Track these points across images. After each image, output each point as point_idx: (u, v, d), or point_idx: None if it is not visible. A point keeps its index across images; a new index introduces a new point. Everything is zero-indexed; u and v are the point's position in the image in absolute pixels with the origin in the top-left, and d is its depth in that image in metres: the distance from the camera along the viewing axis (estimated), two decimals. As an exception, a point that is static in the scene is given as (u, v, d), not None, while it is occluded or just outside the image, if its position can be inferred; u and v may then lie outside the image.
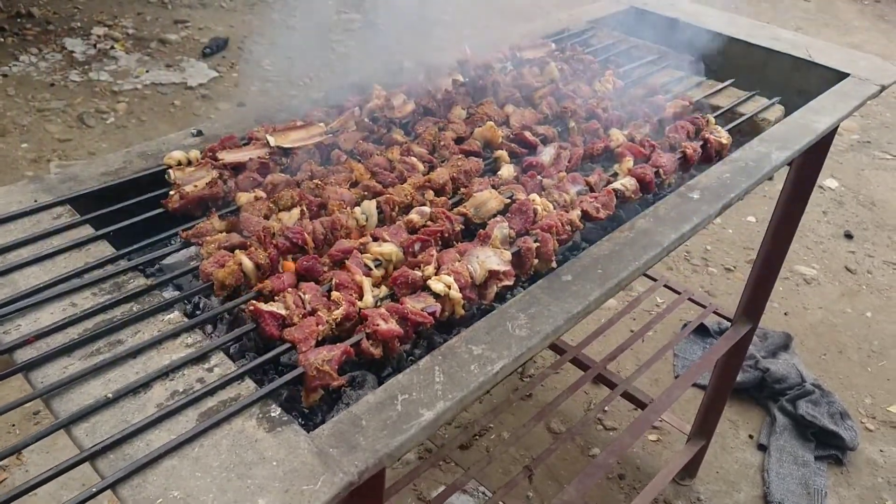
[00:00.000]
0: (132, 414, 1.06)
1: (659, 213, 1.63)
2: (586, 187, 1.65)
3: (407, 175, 1.62)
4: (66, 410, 1.06)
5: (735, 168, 1.80)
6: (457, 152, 1.72)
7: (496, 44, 2.33)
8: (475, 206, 1.53)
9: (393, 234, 1.43)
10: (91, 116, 5.51)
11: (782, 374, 3.60)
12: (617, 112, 1.95)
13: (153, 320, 1.23)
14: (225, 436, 1.04)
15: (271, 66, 6.34)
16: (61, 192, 1.51)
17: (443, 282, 1.31)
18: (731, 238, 4.84)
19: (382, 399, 1.13)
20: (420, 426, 1.09)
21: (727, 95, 2.20)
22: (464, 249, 1.41)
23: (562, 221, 1.50)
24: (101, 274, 1.30)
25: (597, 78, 2.11)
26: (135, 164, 1.63)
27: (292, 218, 1.44)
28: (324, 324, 1.21)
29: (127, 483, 0.96)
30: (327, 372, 1.14)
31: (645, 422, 2.32)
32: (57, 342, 1.16)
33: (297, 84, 6.14)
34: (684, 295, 2.89)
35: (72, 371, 1.11)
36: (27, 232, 1.39)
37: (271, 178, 1.54)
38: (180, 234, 1.40)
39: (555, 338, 1.32)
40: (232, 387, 1.12)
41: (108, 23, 6.94)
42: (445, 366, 1.20)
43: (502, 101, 1.96)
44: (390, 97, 1.86)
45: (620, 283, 1.43)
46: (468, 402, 1.17)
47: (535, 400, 3.56)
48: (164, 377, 1.12)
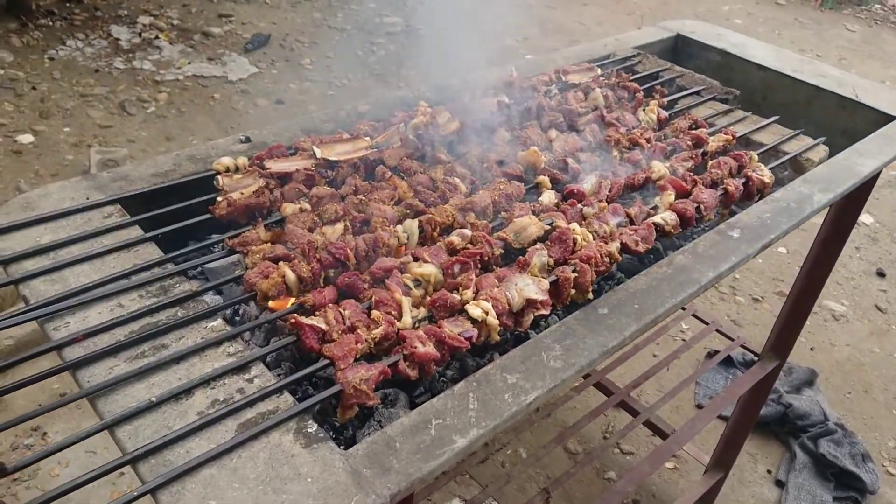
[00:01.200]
0: (174, 420, 1.08)
1: (698, 249, 1.63)
2: (626, 219, 1.66)
3: (449, 195, 1.63)
4: (110, 412, 1.09)
5: (776, 208, 1.80)
6: (499, 175, 1.74)
7: (541, 65, 2.35)
8: (515, 232, 1.55)
9: (433, 254, 1.44)
10: (132, 104, 5.60)
11: (805, 411, 3.56)
12: (660, 143, 1.95)
13: (197, 326, 1.25)
14: (262, 448, 1.06)
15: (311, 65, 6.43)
16: (112, 192, 1.55)
17: (481, 307, 1.32)
18: (761, 268, 4.80)
19: (417, 422, 1.14)
20: (453, 452, 1.10)
21: (771, 132, 2.19)
22: (502, 275, 1.42)
23: (601, 253, 1.51)
24: (148, 276, 1.33)
25: (641, 107, 2.11)
26: (184, 168, 1.67)
27: (336, 232, 1.46)
28: (363, 342, 1.23)
29: (167, 489, 0.98)
30: (364, 391, 1.16)
31: (666, 452, 2.31)
32: (104, 342, 1.19)
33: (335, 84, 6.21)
34: (712, 326, 2.88)
35: (117, 373, 1.14)
36: (79, 229, 1.42)
37: (316, 190, 1.56)
38: (226, 242, 1.43)
39: (588, 370, 1.33)
40: (271, 399, 1.14)
41: (153, 12, 7.05)
42: (480, 393, 1.21)
43: (546, 126, 1.97)
44: (435, 114, 1.88)
45: (657, 319, 1.43)
46: (500, 430, 1.18)
47: (554, 418, 3.56)
48: (205, 385, 1.14)
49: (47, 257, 1.35)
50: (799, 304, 2.56)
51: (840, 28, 9.31)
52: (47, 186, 1.54)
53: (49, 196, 1.51)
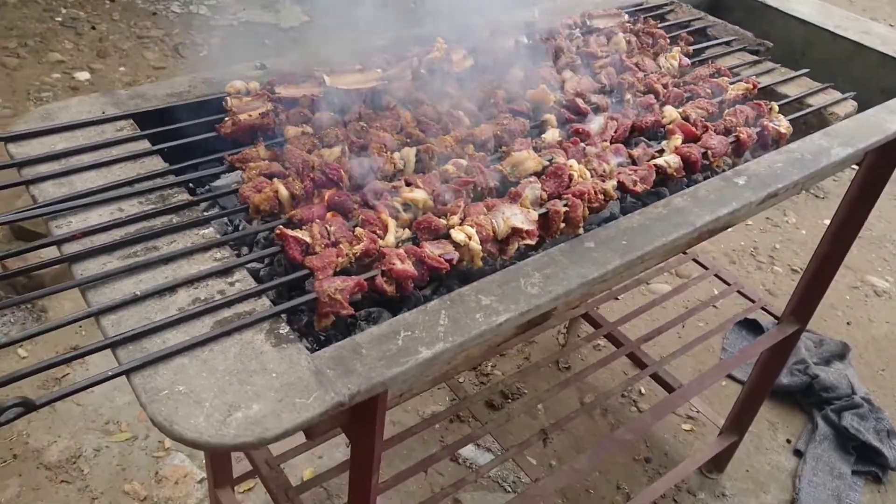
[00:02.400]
0: (155, 313, 1.15)
1: (699, 193, 1.61)
2: (628, 160, 1.65)
3: (452, 127, 1.65)
4: (98, 301, 1.16)
5: (789, 158, 1.76)
6: (505, 111, 1.74)
7: (569, 10, 2.32)
8: (512, 165, 1.56)
9: (427, 182, 1.47)
10: (186, 48, 5.72)
11: (832, 383, 3.49)
12: (677, 90, 1.92)
13: (189, 233, 1.31)
14: (234, 344, 1.12)
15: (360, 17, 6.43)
16: (127, 108, 1.62)
17: (464, 232, 1.35)
18: (803, 239, 4.67)
19: (386, 332, 1.18)
20: (416, 362, 1.14)
21: (798, 85, 2.13)
22: (492, 205, 1.44)
23: (595, 189, 1.51)
24: (149, 185, 1.39)
25: (663, 53, 2.07)
26: (198, 89, 1.72)
27: (333, 155, 1.50)
28: (343, 256, 1.27)
29: (140, 373, 1.05)
30: (339, 300, 1.20)
31: (669, 404, 2.31)
32: (101, 241, 1.26)
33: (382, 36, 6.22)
34: (734, 287, 2.84)
35: (109, 268, 1.21)
36: (91, 140, 1.50)
37: (319, 115, 1.60)
38: (226, 158, 1.48)
39: (566, 300, 1.34)
40: (249, 302, 1.19)
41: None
42: (452, 311, 1.24)
43: (562, 67, 1.96)
44: (451, 51, 1.88)
45: (643, 257, 1.43)
46: (467, 348, 1.21)
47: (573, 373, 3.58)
48: (189, 284, 1.20)
49: (59, 163, 1.43)
50: (822, 268, 2.50)
51: (920, -3, 8.82)
52: (68, 100, 1.61)
53: (68, 109, 1.59)
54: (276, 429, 1.00)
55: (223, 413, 1.01)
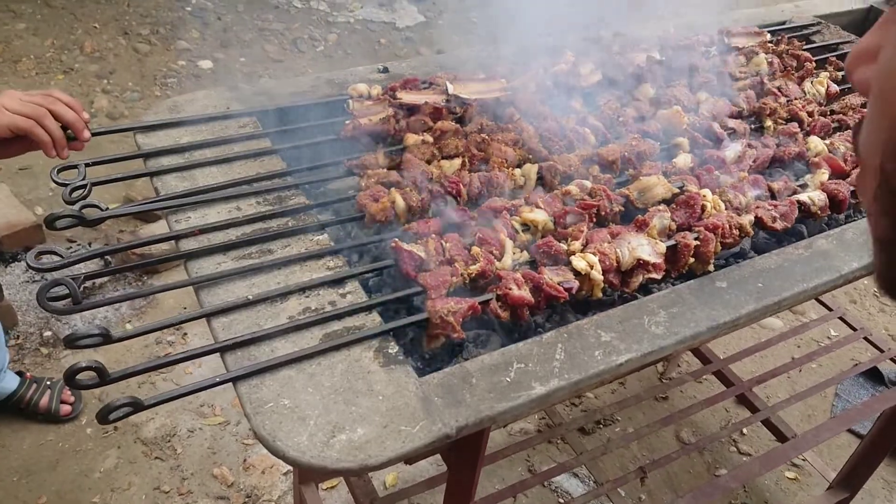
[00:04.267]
0: (266, 320, 1.13)
1: (846, 236, 1.47)
2: (767, 193, 1.52)
3: (577, 145, 1.57)
4: (210, 302, 1.15)
5: (951, 204, 1.58)
6: (634, 131, 1.64)
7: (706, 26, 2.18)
8: (639, 190, 1.46)
9: (548, 202, 1.39)
10: (304, 42, 5.85)
11: (960, 446, 3.18)
12: (823, 119, 1.76)
13: (304, 238, 1.29)
14: (342, 360, 1.08)
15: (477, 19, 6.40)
16: (252, 105, 1.62)
17: (586, 260, 1.26)
18: (936, 283, 4.30)
19: (498, 362, 1.12)
20: (529, 398, 1.07)
21: (963, 122, 1.92)
22: (617, 232, 1.35)
23: (730, 224, 1.39)
24: (268, 185, 1.38)
25: (809, 78, 1.92)
26: (321, 90, 1.71)
27: (453, 167, 1.44)
28: (458, 275, 1.21)
29: (247, 381, 1.03)
30: (451, 323, 1.14)
31: (782, 455, 2.14)
32: (217, 239, 1.25)
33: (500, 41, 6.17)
34: (860, 332, 2.61)
35: (224, 268, 1.20)
36: (215, 135, 1.50)
37: (441, 124, 1.55)
38: (345, 163, 1.46)
39: (693, 343, 1.24)
40: (359, 316, 1.15)
41: (336, -44, 7.28)
42: (569, 345, 1.16)
43: (697, 87, 1.84)
44: (578, 64, 1.80)
45: (781, 303, 1.31)
46: (584, 387, 1.13)
47: (671, 404, 3.41)
48: (300, 293, 1.18)
49: (182, 156, 1.44)
50: (968, 323, 2.26)
51: None
52: (195, 93, 1.63)
53: (195, 102, 1.60)
54: (380, 457, 0.96)
55: (327, 434, 0.97)
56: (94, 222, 1.23)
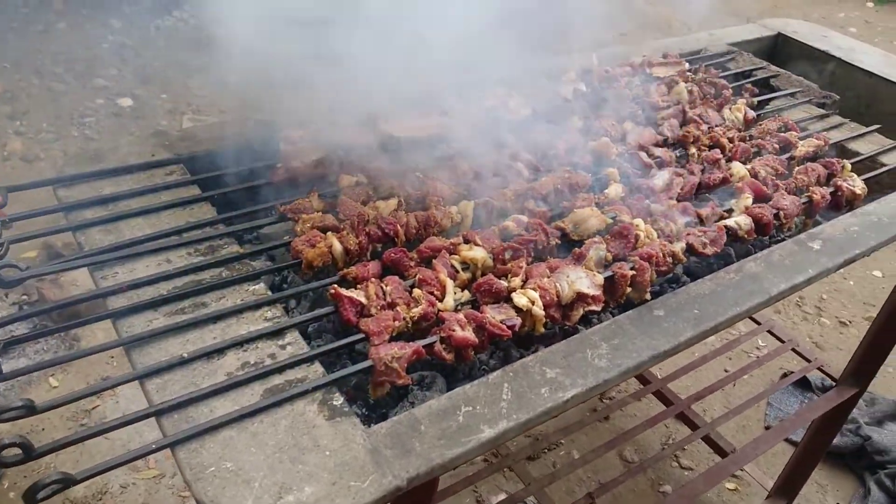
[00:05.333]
0: (203, 378, 1.08)
1: (772, 258, 1.52)
2: (696, 219, 1.56)
3: (511, 180, 1.58)
4: (143, 363, 1.09)
5: (866, 222, 1.66)
6: (566, 164, 1.67)
7: (627, 56, 2.25)
8: (575, 223, 1.48)
9: (485, 238, 1.40)
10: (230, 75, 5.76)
11: (885, 446, 3.32)
12: (743, 144, 1.83)
13: (239, 288, 1.25)
14: (285, 416, 1.04)
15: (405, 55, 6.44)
16: (178, 150, 1.57)
17: (527, 296, 1.27)
18: (852, 290, 4.51)
19: (445, 407, 1.10)
20: (479, 442, 1.06)
21: (870, 142, 2.03)
22: (555, 266, 1.36)
23: (663, 252, 1.42)
24: (199, 235, 1.34)
25: (727, 105, 1.99)
26: (251, 132, 1.67)
27: (389, 208, 1.43)
28: (400, 320, 1.20)
29: (185, 446, 0.98)
30: (395, 369, 1.13)
31: (723, 471, 2.19)
32: (147, 295, 1.20)
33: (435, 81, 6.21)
34: (788, 344, 2.71)
35: (155, 325, 1.15)
36: (140, 184, 1.45)
37: (376, 164, 1.54)
38: (277, 208, 1.43)
39: (635, 373, 1.26)
40: (301, 368, 1.12)
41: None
42: (516, 384, 1.16)
43: (623, 117, 1.88)
44: (507, 98, 1.82)
45: (717, 327, 1.34)
46: (533, 426, 1.13)
47: (612, 424, 3.45)
48: (238, 347, 1.14)
49: (106, 208, 1.38)
50: (886, 331, 2.37)
51: (969, 42, 8.64)
52: (118, 140, 1.57)
53: (118, 150, 1.55)
54: (330, 516, 0.93)
55: (273, 496, 0.94)
56: (12, 284, 1.16)
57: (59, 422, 3.03)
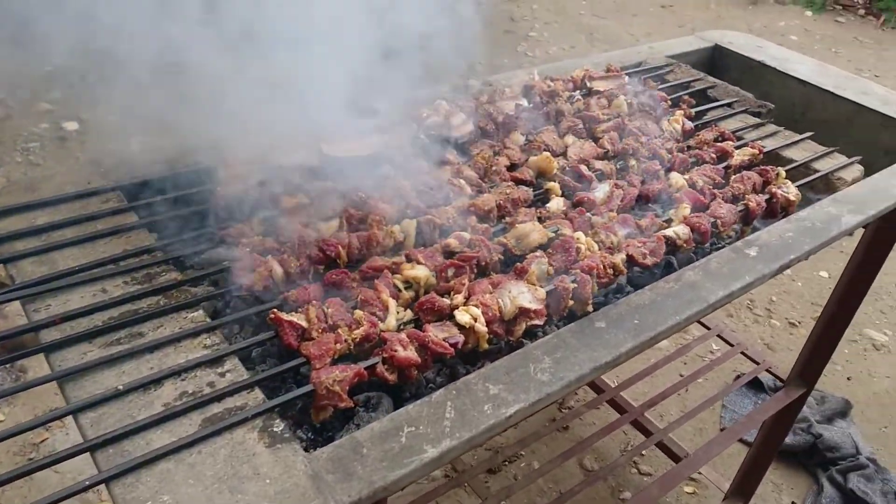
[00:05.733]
0: (139, 410, 1.06)
1: (710, 266, 1.55)
2: (636, 230, 1.59)
3: (453, 197, 1.59)
4: (76, 397, 1.07)
5: (800, 227, 1.71)
6: (507, 179, 1.69)
7: (569, 70, 2.28)
8: (517, 238, 1.50)
9: (428, 256, 1.40)
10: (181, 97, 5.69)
11: (836, 443, 3.40)
12: (682, 155, 1.87)
13: (177, 316, 1.23)
14: (224, 445, 1.03)
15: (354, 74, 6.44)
16: (115, 177, 1.55)
17: (470, 313, 1.28)
18: (800, 291, 4.63)
19: (388, 429, 1.10)
20: (422, 462, 1.06)
21: (803, 149, 2.09)
22: (498, 282, 1.37)
23: (604, 264, 1.45)
24: (136, 263, 1.32)
25: (666, 117, 2.04)
26: (189, 156, 1.66)
27: (330, 229, 1.43)
28: (342, 342, 1.19)
29: (120, 481, 0.96)
30: (337, 392, 1.12)
31: (677, 476, 2.22)
32: (82, 327, 1.18)
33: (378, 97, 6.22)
34: (737, 348, 2.77)
35: (90, 358, 1.12)
36: (76, 213, 1.42)
37: (317, 185, 1.54)
38: (217, 233, 1.41)
39: (578, 385, 1.27)
40: (241, 395, 1.11)
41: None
42: (458, 402, 1.16)
43: (564, 132, 1.91)
44: (450, 115, 1.84)
45: (656, 337, 1.36)
46: (476, 444, 1.13)
47: (572, 433, 3.48)
48: (176, 376, 1.12)
49: (39, 239, 1.35)
50: (829, 331, 2.44)
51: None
52: (53, 168, 1.55)
53: (52, 179, 1.52)
54: (270, 546, 0.92)
55: (211, 528, 0.92)
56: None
57: (6, 457, 2.94)
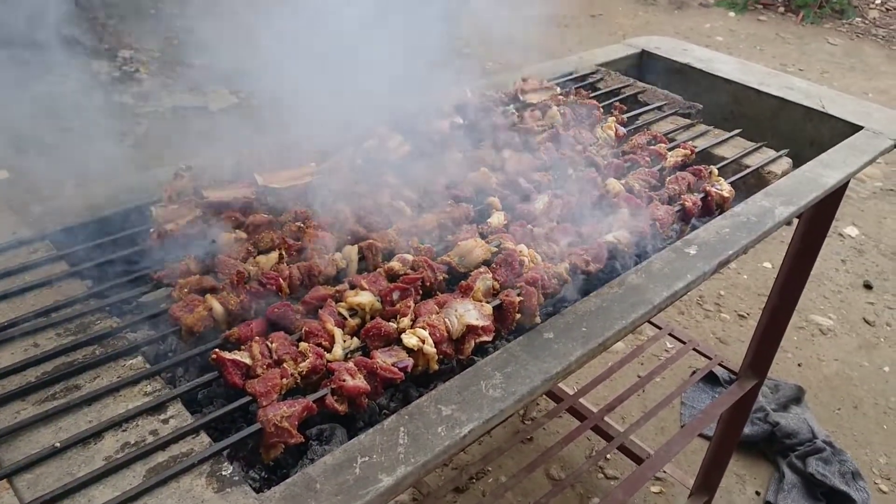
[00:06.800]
0: (78, 466, 1.02)
1: (652, 268, 1.58)
2: (578, 238, 1.60)
3: (394, 220, 1.58)
4: (11, 459, 1.02)
5: (736, 223, 1.75)
6: (447, 198, 1.68)
7: (501, 85, 2.31)
8: (460, 255, 1.49)
9: (371, 281, 1.39)
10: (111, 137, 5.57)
11: (793, 429, 3.48)
12: (617, 160, 1.90)
13: (114, 365, 1.19)
14: (171, 494, 0.99)
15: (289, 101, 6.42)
16: (42, 227, 1.50)
17: (417, 336, 1.26)
18: (746, 283, 4.74)
19: (341, 461, 1.08)
20: (377, 492, 1.04)
21: (733, 146, 2.15)
22: (444, 301, 1.37)
23: (548, 274, 1.45)
24: (68, 313, 1.27)
25: (599, 124, 2.07)
26: (120, 199, 1.62)
27: (270, 262, 1.41)
28: (288, 376, 1.17)
29: (62, 544, 0.92)
30: (286, 429, 1.09)
31: (641, 478, 2.23)
32: (13, 384, 1.13)
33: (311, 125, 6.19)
34: (689, 345, 2.81)
35: (23, 416, 1.08)
36: (1, 267, 1.37)
37: (253, 218, 1.51)
38: (151, 275, 1.37)
39: (531, 398, 1.27)
40: (186, 441, 1.08)
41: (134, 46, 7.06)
42: (412, 426, 1.15)
43: (501, 146, 1.92)
44: (386, 138, 1.83)
45: (605, 343, 1.37)
46: (432, 468, 1.12)
47: (536, 444, 3.48)
48: (116, 427, 1.08)
49: (-37, 296, 1.29)
50: (775, 321, 2.50)
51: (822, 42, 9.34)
52: (-17, 219, 1.49)
53: (-25, 232, 1.46)
54: None
55: (161, 584, 0.88)
56: None
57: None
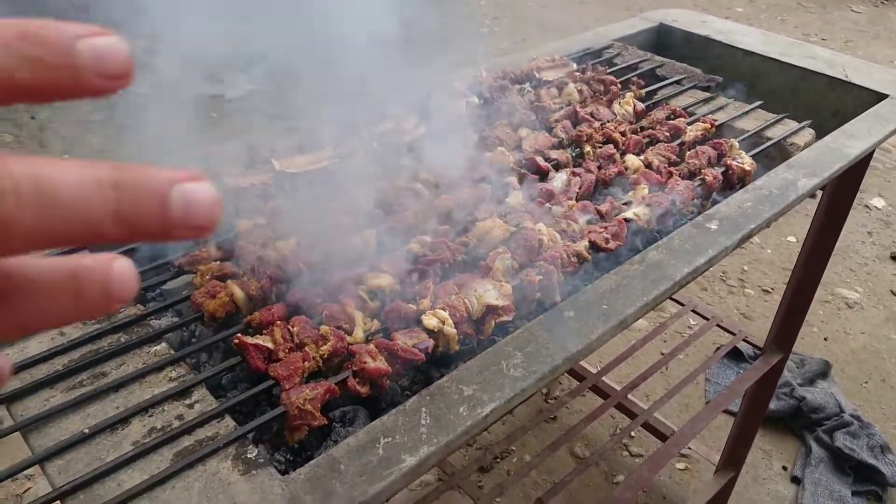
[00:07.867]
0: (107, 451, 1.04)
1: (673, 244, 1.56)
2: (597, 216, 1.59)
3: (411, 202, 1.58)
4: (41, 445, 1.04)
5: (758, 196, 1.72)
6: (464, 178, 1.68)
7: (517, 64, 2.28)
8: (478, 236, 1.49)
9: (391, 263, 1.39)
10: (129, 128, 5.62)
11: (819, 404, 3.45)
12: (635, 136, 1.88)
13: (139, 352, 1.21)
14: (198, 477, 1.01)
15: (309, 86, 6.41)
16: (65, 216, 1.51)
17: (437, 317, 1.27)
18: (770, 258, 4.69)
19: (364, 442, 1.09)
20: (401, 472, 1.04)
21: (754, 118, 2.11)
22: (463, 282, 1.37)
23: (567, 253, 1.44)
24: (93, 302, 1.29)
25: (617, 100, 2.05)
26: (140, 188, 1.63)
27: (288, 247, 1.41)
28: (310, 360, 1.18)
29: (93, 526, 0.94)
30: (309, 411, 1.10)
31: (665, 455, 2.23)
32: (42, 373, 1.15)
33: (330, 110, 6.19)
34: (713, 321, 2.79)
35: (52, 404, 1.10)
36: (26, 257, 1.39)
37: (272, 204, 1.52)
38: (173, 263, 1.39)
39: (553, 377, 1.26)
40: (211, 425, 1.09)
41: (151, 36, 7.08)
42: (433, 407, 1.15)
43: (517, 125, 1.91)
44: (401, 120, 1.82)
45: (626, 321, 1.36)
46: (455, 447, 1.12)
47: (560, 423, 3.49)
48: (143, 413, 1.10)
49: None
50: (799, 295, 2.47)
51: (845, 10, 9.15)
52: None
53: None
54: (253, 576, 0.90)
55: (191, 565, 0.90)
56: None
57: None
